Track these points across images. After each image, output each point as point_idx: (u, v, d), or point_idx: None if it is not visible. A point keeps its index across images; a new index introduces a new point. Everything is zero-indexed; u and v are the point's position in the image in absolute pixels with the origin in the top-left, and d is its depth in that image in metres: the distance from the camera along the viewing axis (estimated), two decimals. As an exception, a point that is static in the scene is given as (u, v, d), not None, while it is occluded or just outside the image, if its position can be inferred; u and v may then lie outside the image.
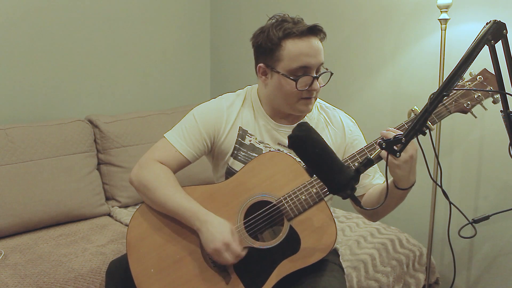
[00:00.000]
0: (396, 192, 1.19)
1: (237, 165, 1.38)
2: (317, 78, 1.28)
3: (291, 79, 1.26)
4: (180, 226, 1.29)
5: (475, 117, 1.22)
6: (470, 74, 1.21)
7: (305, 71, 1.26)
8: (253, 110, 1.40)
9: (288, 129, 1.37)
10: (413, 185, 1.18)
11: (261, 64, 1.32)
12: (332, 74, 1.31)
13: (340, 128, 1.42)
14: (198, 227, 1.23)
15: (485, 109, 1.23)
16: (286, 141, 1.28)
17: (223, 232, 1.20)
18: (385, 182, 1.19)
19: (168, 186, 1.29)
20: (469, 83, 1.20)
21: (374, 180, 1.39)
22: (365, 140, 1.44)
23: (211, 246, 1.19)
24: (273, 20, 1.30)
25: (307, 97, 1.30)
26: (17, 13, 2.12)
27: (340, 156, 1.40)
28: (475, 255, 1.98)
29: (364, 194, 1.38)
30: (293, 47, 1.25)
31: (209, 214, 1.24)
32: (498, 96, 1.18)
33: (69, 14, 2.28)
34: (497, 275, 1.93)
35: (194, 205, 1.25)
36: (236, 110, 1.40)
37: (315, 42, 1.26)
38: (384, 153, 1.06)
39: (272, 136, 1.38)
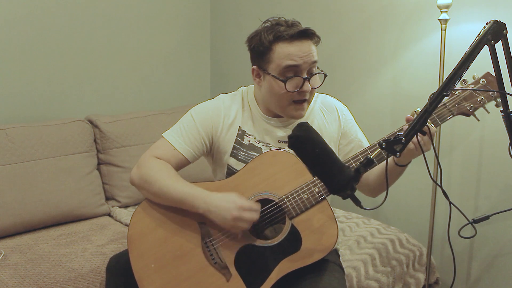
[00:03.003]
0: (396, 168, 1.23)
1: (237, 165, 1.38)
2: (308, 79, 1.28)
3: (281, 80, 1.27)
4: (182, 223, 1.29)
5: (478, 120, 1.22)
6: (474, 77, 1.21)
7: (295, 73, 1.26)
8: (250, 111, 1.41)
9: (287, 124, 1.38)
10: (410, 161, 1.22)
11: (254, 67, 1.35)
12: (326, 75, 1.31)
13: (334, 112, 1.44)
14: (205, 208, 1.23)
15: (488, 112, 1.23)
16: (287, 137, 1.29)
17: (230, 201, 1.21)
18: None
19: (169, 176, 1.30)
20: (472, 86, 1.20)
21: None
22: (358, 125, 1.47)
23: (228, 217, 1.20)
24: (267, 24, 1.31)
25: (299, 99, 1.30)
26: (17, 13, 2.12)
27: (338, 140, 1.43)
28: (475, 255, 1.98)
29: None
30: (283, 50, 1.26)
31: (212, 193, 1.24)
32: (500, 99, 1.18)
33: (69, 14, 2.28)
34: (497, 275, 1.93)
35: (196, 189, 1.26)
36: (235, 110, 1.40)
37: (306, 45, 1.26)
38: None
39: (272, 135, 1.39)
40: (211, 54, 2.93)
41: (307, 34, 1.27)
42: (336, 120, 1.43)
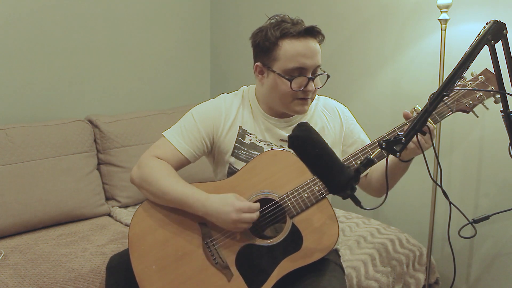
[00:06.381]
0: (399, 164, 1.22)
1: (239, 164, 1.38)
2: (312, 79, 1.28)
3: (286, 79, 1.27)
4: (183, 223, 1.29)
5: (477, 116, 1.23)
6: (472, 74, 1.22)
7: (300, 72, 1.27)
8: (251, 110, 1.41)
9: (288, 124, 1.38)
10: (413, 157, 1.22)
11: (258, 63, 1.34)
12: (329, 76, 1.32)
13: (336, 114, 1.44)
14: (204, 212, 1.24)
15: (487, 108, 1.23)
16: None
17: (228, 203, 1.21)
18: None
19: (168, 177, 1.30)
20: (471, 82, 1.21)
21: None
22: (360, 126, 1.47)
23: (228, 221, 1.20)
24: (272, 20, 1.31)
25: (302, 97, 1.31)
26: (17, 13, 2.12)
27: (341, 142, 1.43)
28: (475, 255, 1.98)
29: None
30: (290, 47, 1.26)
31: (210, 196, 1.25)
32: (499, 96, 1.18)
33: (69, 14, 2.28)
34: (497, 275, 1.93)
35: (195, 191, 1.26)
36: (235, 110, 1.40)
37: (312, 43, 1.27)
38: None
39: (274, 133, 1.39)
40: (211, 54, 2.93)
41: (314, 32, 1.27)
42: (338, 121, 1.43)
